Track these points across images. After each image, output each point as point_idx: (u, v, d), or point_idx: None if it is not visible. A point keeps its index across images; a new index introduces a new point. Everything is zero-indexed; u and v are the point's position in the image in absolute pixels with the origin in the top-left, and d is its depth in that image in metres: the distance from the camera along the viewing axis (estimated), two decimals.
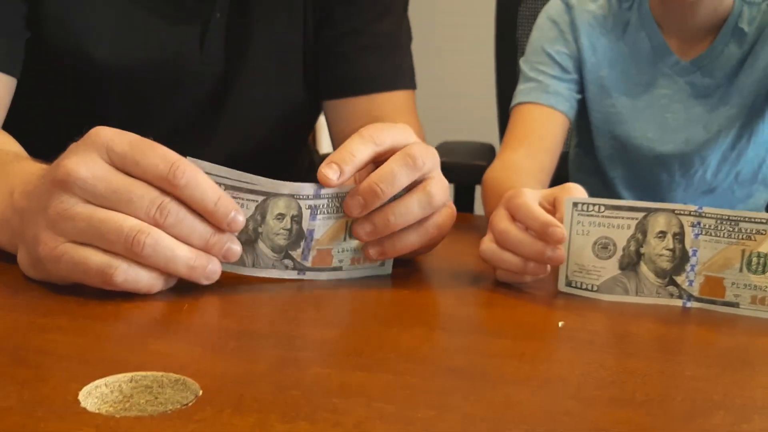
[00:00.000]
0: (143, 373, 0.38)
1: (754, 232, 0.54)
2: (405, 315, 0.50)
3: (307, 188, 0.52)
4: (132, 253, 0.46)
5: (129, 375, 0.38)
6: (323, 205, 0.54)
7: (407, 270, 0.61)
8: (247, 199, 0.51)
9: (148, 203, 0.46)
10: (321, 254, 0.55)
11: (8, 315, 0.45)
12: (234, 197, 0.50)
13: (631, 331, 0.51)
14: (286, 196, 0.52)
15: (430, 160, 0.55)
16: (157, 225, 0.46)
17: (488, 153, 1.27)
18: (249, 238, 0.52)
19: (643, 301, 0.57)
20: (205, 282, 0.49)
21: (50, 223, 0.46)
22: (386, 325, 0.47)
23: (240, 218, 0.49)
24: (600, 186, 1.09)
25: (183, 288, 0.51)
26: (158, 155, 0.46)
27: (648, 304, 0.56)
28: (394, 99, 0.86)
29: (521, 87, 1.00)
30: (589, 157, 1.10)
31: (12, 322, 0.44)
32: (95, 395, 0.36)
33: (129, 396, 0.37)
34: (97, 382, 0.37)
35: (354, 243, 0.56)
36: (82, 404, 0.35)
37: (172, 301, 0.49)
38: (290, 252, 0.54)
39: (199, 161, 0.49)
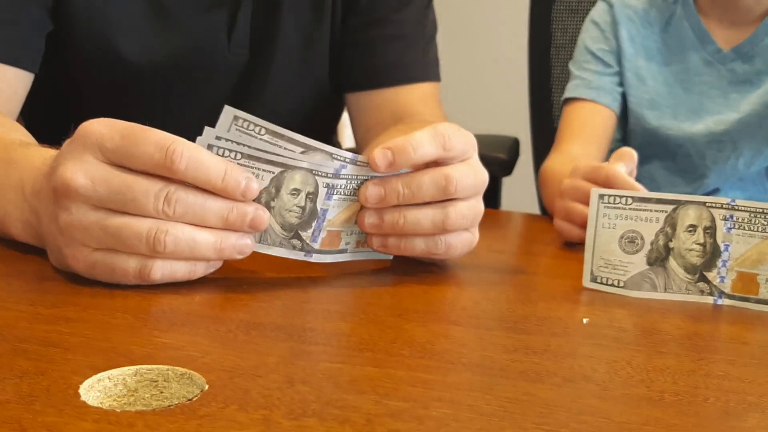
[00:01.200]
0: (148, 367, 0.37)
1: None
2: (422, 309, 0.48)
3: (327, 165, 0.50)
4: (156, 252, 0.45)
5: (134, 368, 0.37)
6: (341, 186, 0.51)
7: (426, 264, 0.59)
8: (264, 170, 0.48)
9: (153, 199, 0.44)
10: (330, 236, 0.53)
11: (14, 306, 0.44)
12: (249, 167, 0.47)
13: (659, 328, 0.48)
14: (305, 170, 0.49)
15: (460, 147, 0.52)
16: (168, 218, 0.45)
17: (513, 146, 1.25)
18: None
19: (672, 298, 0.54)
20: (240, 257, 0.48)
21: (67, 237, 0.46)
22: (402, 320, 0.46)
23: (254, 185, 0.46)
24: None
25: (196, 280, 0.50)
26: (152, 143, 0.44)
27: (677, 302, 0.54)
28: (418, 91, 0.85)
29: (569, 85, 1.08)
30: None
31: (17, 313, 0.43)
32: (98, 389, 0.35)
33: (133, 390, 0.36)
34: (100, 375, 0.36)
35: None
36: (83, 398, 0.33)
37: (184, 293, 0.47)
38: (300, 232, 0.51)
39: (234, 110, 0.47)
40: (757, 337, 0.48)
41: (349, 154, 0.51)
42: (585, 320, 0.48)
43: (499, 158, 1.12)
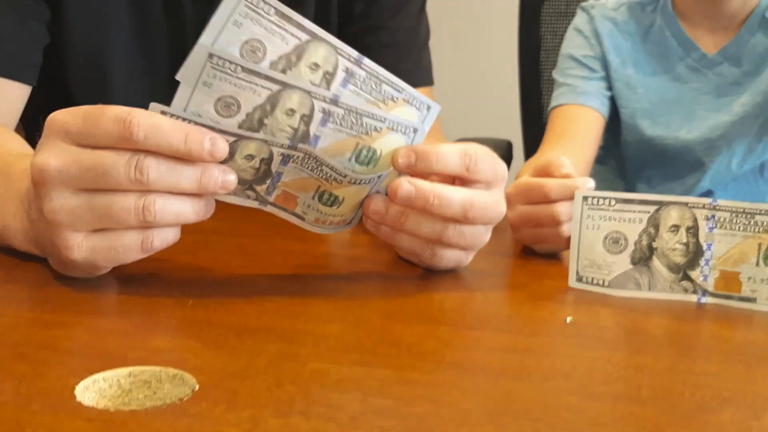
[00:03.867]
0: (142, 368, 0.38)
1: None
2: (409, 311, 0.49)
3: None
4: (147, 222, 0.45)
5: (127, 370, 0.38)
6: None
7: (412, 265, 0.60)
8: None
9: (123, 169, 0.44)
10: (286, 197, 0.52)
11: (13, 311, 0.45)
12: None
13: (642, 326, 0.50)
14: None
15: (486, 172, 0.53)
16: (143, 186, 0.45)
17: (505, 149, 1.27)
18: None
19: (656, 297, 0.55)
20: (223, 191, 0.47)
21: (55, 226, 0.46)
22: (388, 321, 0.47)
23: (220, 143, 0.46)
24: (622, 189, 1.10)
25: (189, 284, 0.51)
26: (110, 118, 0.44)
27: (661, 300, 0.55)
28: None
29: (554, 94, 1.07)
30: (612, 167, 1.12)
31: (16, 318, 0.44)
32: (93, 390, 0.36)
33: (127, 391, 0.37)
34: (96, 376, 0.37)
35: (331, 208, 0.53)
36: (79, 398, 0.35)
37: (177, 297, 0.49)
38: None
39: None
40: (737, 334, 0.49)
41: (354, 55, 0.49)
42: (568, 320, 0.49)
43: None
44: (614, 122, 1.09)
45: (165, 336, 0.43)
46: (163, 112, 0.46)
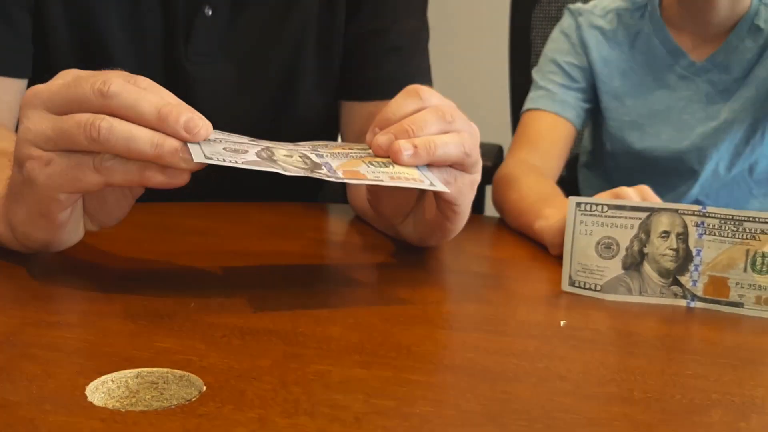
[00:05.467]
0: (149, 369, 0.39)
1: (758, 231, 0.54)
2: (407, 314, 0.50)
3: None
4: (92, 140, 0.45)
5: (135, 371, 0.39)
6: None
7: (412, 268, 0.61)
8: None
9: (91, 94, 0.46)
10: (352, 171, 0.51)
11: (18, 312, 0.46)
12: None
13: (633, 330, 0.51)
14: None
15: (462, 121, 0.55)
16: (109, 109, 0.46)
17: (497, 153, 1.28)
18: (267, 158, 0.49)
19: (646, 301, 0.57)
20: (184, 165, 0.46)
21: (23, 144, 0.47)
22: (389, 323, 0.48)
23: (201, 122, 0.46)
24: None
25: (189, 286, 0.52)
26: (89, 81, 0.46)
27: (652, 304, 0.56)
28: None
29: (531, 95, 1.05)
30: (602, 172, 1.12)
31: (22, 319, 0.45)
32: (102, 390, 0.37)
33: (135, 391, 0.38)
34: (104, 377, 0.38)
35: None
36: (89, 399, 0.36)
37: (179, 299, 0.50)
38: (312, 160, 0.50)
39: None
40: (725, 337, 0.51)
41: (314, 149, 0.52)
42: (562, 323, 0.51)
43: (484, 165, 1.14)
44: (600, 131, 1.09)
45: (170, 337, 0.44)
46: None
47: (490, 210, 1.09)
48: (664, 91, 1.04)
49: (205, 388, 0.37)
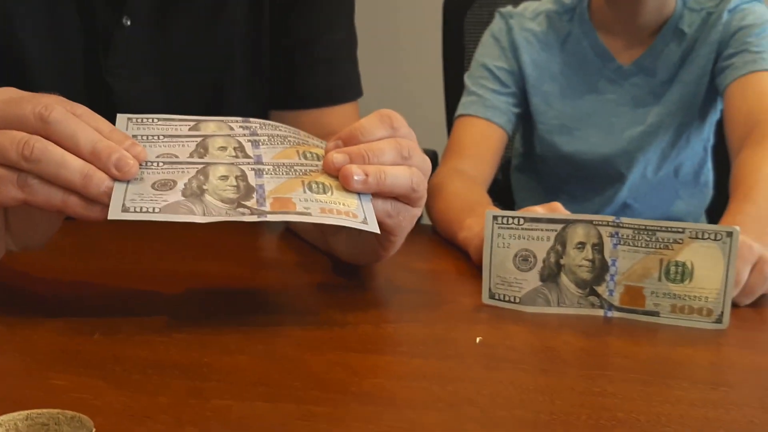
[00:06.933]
0: (39, 411, 0.37)
1: (671, 241, 0.55)
2: (321, 337, 0.49)
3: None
4: (24, 158, 0.46)
5: (25, 413, 0.37)
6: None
7: (334, 286, 0.60)
8: (187, 164, 0.51)
9: (31, 114, 0.47)
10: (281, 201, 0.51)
11: None
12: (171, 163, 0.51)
13: (549, 344, 0.51)
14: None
15: (418, 157, 0.56)
16: (46, 128, 0.47)
17: (432, 159, 1.27)
18: (194, 192, 0.50)
19: (565, 312, 0.57)
20: (115, 172, 0.48)
21: None
22: (299, 349, 0.47)
23: (131, 161, 0.48)
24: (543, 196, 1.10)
25: (97, 314, 0.50)
26: (31, 104, 0.47)
27: (570, 315, 0.57)
28: (342, 111, 0.87)
29: (463, 100, 1.05)
30: (534, 175, 1.13)
31: None
32: None
33: None
34: None
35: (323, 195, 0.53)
36: None
37: (84, 329, 0.48)
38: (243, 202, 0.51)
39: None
40: (640, 351, 0.51)
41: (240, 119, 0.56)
42: (478, 339, 0.50)
43: None
44: (531, 134, 1.09)
45: (66, 374, 0.42)
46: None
47: (426, 219, 1.08)
48: (592, 94, 1.04)
49: (94, 430, 0.36)
